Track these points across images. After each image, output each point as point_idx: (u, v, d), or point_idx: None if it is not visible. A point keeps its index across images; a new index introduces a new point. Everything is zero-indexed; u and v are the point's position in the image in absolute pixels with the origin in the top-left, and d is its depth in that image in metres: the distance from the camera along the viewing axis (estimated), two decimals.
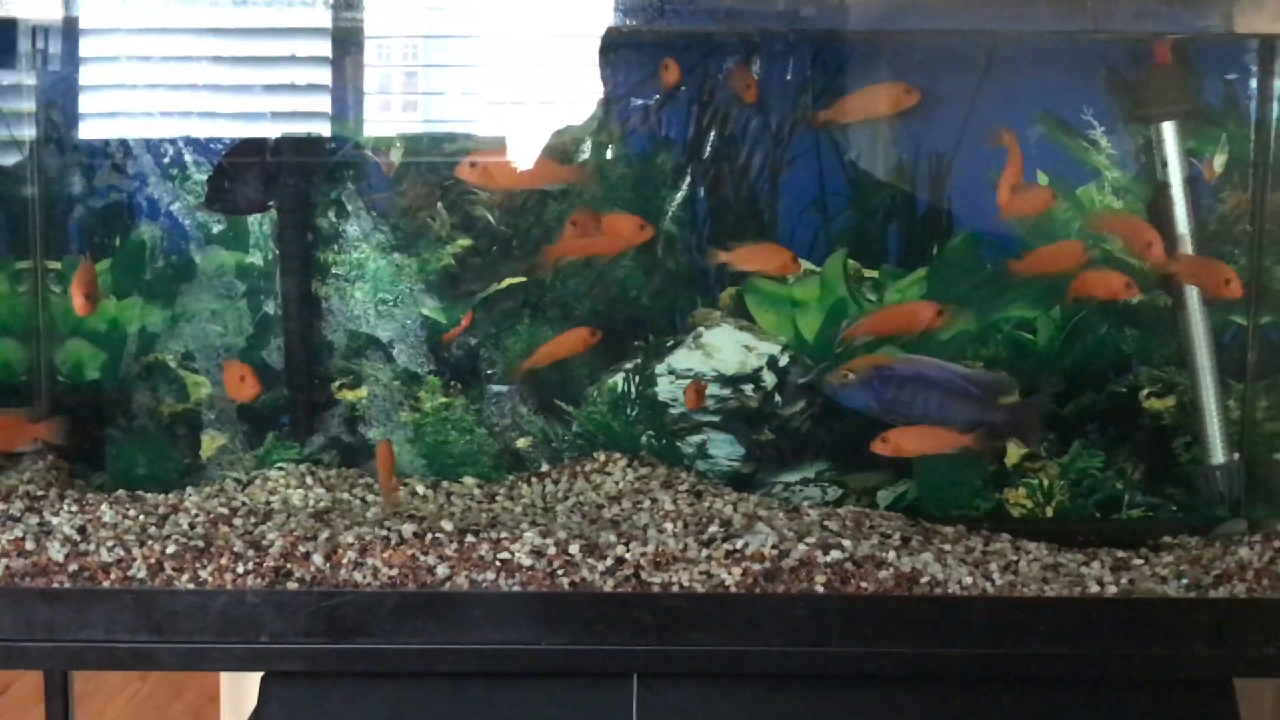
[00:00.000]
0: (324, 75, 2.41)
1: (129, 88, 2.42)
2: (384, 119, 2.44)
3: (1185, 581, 2.02)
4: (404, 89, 2.44)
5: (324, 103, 2.42)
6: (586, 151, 2.34)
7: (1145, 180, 2.32)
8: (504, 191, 2.33)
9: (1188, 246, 2.27)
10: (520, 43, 2.38)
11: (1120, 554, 2.11)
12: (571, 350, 2.34)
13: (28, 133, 2.40)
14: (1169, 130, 2.27)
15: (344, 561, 1.98)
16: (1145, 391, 2.36)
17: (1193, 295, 2.29)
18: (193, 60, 2.39)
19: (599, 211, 2.27)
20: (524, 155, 2.34)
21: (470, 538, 2.01)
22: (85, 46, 2.40)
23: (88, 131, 2.42)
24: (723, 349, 2.38)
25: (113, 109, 2.45)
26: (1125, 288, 2.24)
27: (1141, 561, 2.09)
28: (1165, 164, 2.28)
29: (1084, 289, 2.27)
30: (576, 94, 2.38)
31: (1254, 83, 2.30)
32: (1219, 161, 2.31)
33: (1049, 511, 2.38)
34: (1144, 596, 2.00)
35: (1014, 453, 2.39)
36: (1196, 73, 2.29)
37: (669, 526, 2.08)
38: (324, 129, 2.43)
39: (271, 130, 2.41)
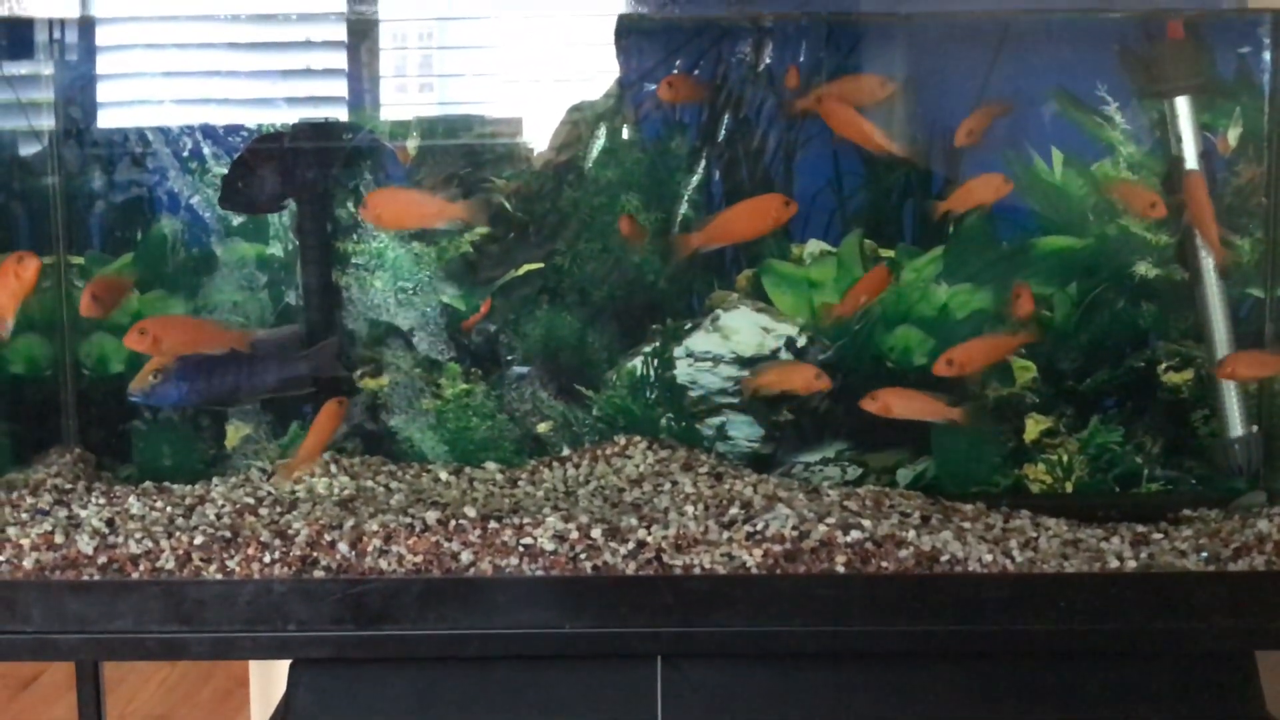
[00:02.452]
0: (340, 60, 2.42)
1: (146, 76, 2.44)
2: (400, 103, 2.45)
3: (1205, 555, 2.03)
4: (420, 72, 2.45)
5: (340, 88, 2.43)
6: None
7: (1160, 155, 2.32)
8: (398, 230, 2.35)
9: None
10: (536, 23, 2.39)
11: (1140, 528, 2.12)
12: (757, 223, 2.29)
13: (46, 124, 2.41)
14: (1183, 105, 2.27)
15: (369, 549, 2.00)
16: (1163, 365, 2.37)
17: (1209, 268, 2.29)
18: (209, 47, 2.40)
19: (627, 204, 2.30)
20: (414, 194, 2.34)
21: (493, 523, 2.03)
22: (101, 36, 2.41)
23: (106, 122, 2.43)
24: (740, 331, 2.39)
25: (130, 98, 2.46)
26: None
27: (1161, 536, 2.09)
28: (1179, 139, 2.28)
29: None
30: (591, 74, 2.38)
31: (1267, 56, 2.29)
32: (1233, 135, 2.30)
33: (1069, 487, 2.39)
34: (1164, 571, 2.00)
35: (1033, 428, 2.39)
36: (1209, 47, 2.29)
37: (690, 509, 2.09)
38: (341, 114, 2.43)
39: (288, 116, 2.42)
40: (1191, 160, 2.27)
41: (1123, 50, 2.31)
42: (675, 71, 2.34)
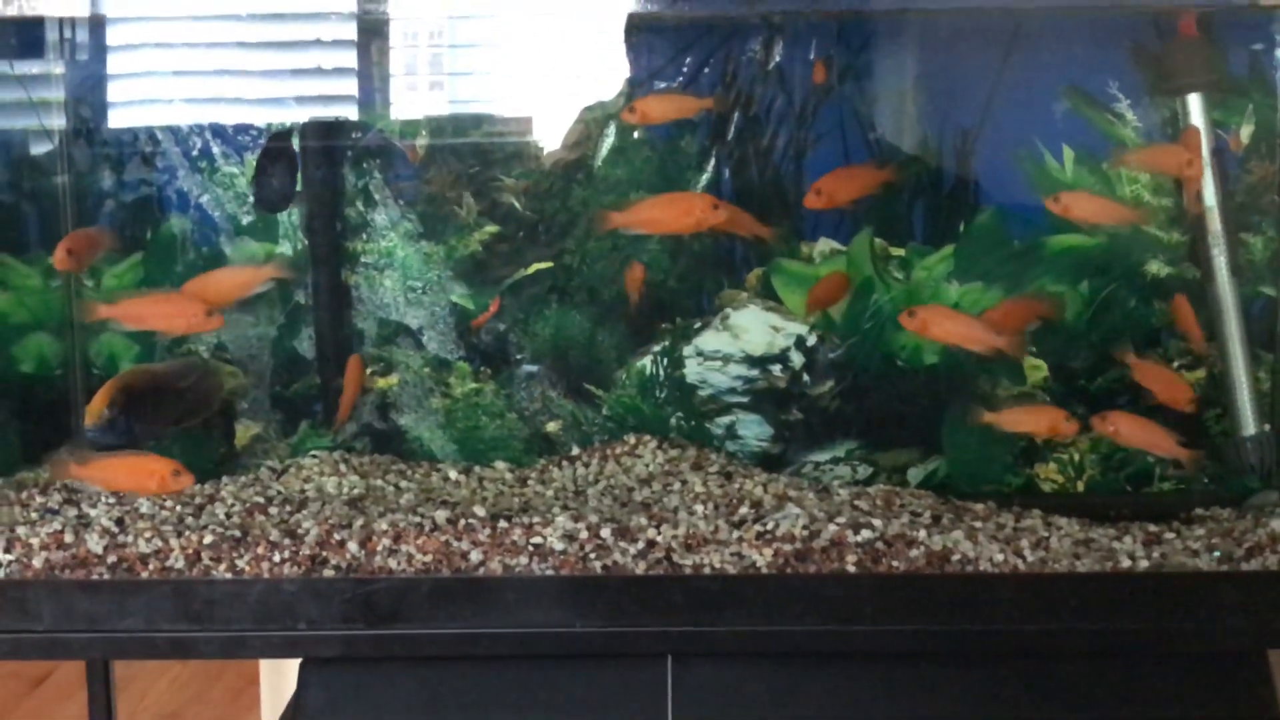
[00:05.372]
0: (350, 58, 2.42)
1: (156, 75, 2.44)
2: (410, 102, 2.45)
3: (1218, 554, 2.02)
4: (429, 70, 2.44)
5: (350, 86, 2.42)
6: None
7: None
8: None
9: (1215, 218, 2.26)
10: (545, 21, 2.38)
11: (1152, 528, 2.11)
12: (680, 219, 2.24)
13: (56, 123, 2.41)
14: (1195, 102, 2.26)
15: (379, 548, 2.00)
16: (1175, 364, 2.36)
17: (1221, 267, 2.28)
18: (219, 46, 2.40)
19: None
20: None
21: (503, 523, 2.02)
22: (111, 35, 2.41)
23: (116, 121, 2.43)
24: (750, 330, 2.38)
25: (140, 98, 2.46)
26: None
27: (1173, 535, 2.09)
28: None
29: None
30: (601, 72, 2.38)
31: (1279, 53, 2.29)
32: (1245, 133, 2.30)
33: (1080, 486, 2.38)
34: (1176, 570, 2.00)
35: None
36: (1222, 44, 2.28)
37: (699, 508, 2.09)
38: (351, 113, 2.43)
39: (298, 115, 2.42)
40: (1204, 158, 2.25)
41: (1135, 47, 2.30)
42: (648, 89, 2.34)
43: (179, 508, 2.13)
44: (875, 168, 2.30)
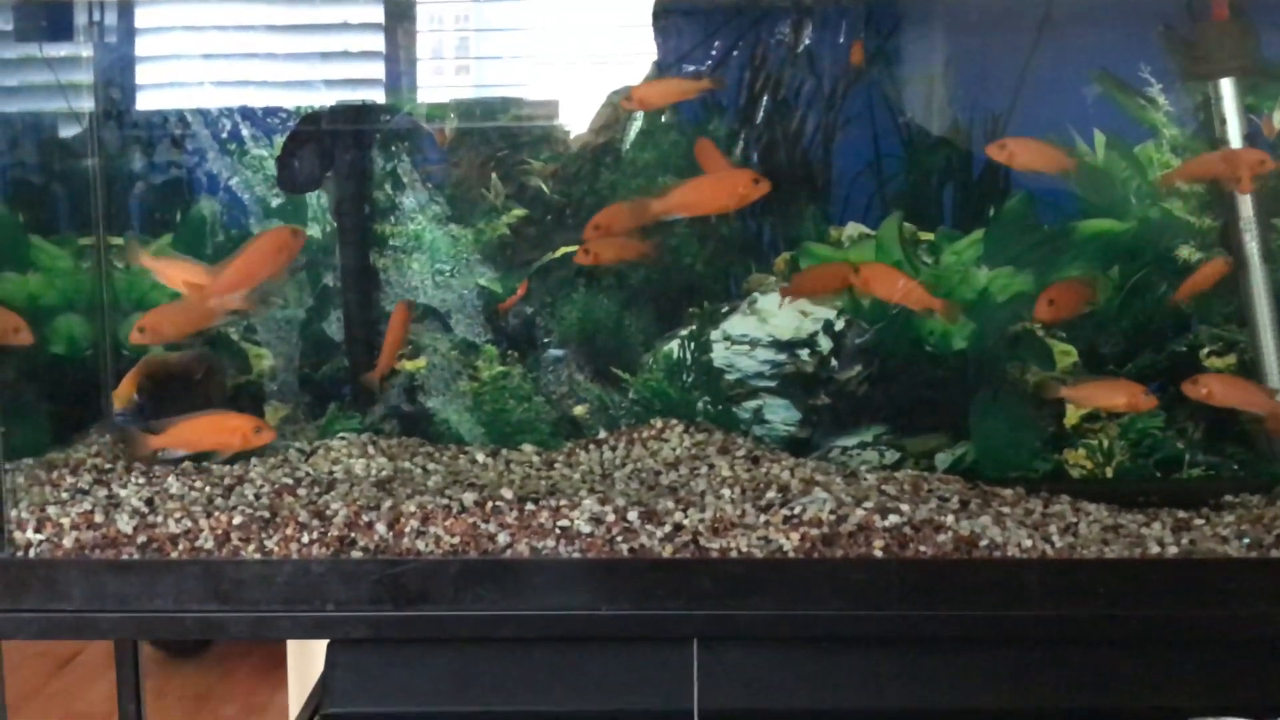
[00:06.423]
0: (377, 42, 2.42)
1: (184, 58, 2.44)
2: (437, 85, 2.45)
3: (1247, 541, 2.01)
4: (457, 54, 2.45)
5: (377, 70, 2.43)
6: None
7: (1204, 137, 2.29)
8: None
9: (1247, 204, 2.25)
10: (573, 4, 2.38)
11: (1181, 514, 2.10)
12: (722, 198, 2.25)
13: (86, 106, 2.42)
14: (1227, 86, 2.25)
15: (406, 530, 2.01)
16: (1205, 350, 2.35)
17: (1253, 252, 2.27)
18: (247, 29, 2.41)
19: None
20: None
21: (530, 505, 2.03)
22: (140, 18, 2.42)
23: (145, 104, 2.44)
24: (778, 314, 2.38)
25: (168, 80, 2.47)
26: None
27: (1202, 521, 2.08)
28: (1224, 121, 2.25)
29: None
30: (629, 56, 2.38)
31: None
32: (1278, 117, 2.28)
33: (1109, 472, 2.37)
34: (1205, 557, 1.99)
35: (1074, 413, 2.38)
36: (1255, 28, 2.27)
37: (726, 492, 2.09)
38: (378, 96, 2.44)
39: (326, 98, 2.42)
40: (1236, 142, 2.24)
41: (1166, 31, 2.29)
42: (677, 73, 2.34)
43: (208, 488, 2.14)
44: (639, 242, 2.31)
